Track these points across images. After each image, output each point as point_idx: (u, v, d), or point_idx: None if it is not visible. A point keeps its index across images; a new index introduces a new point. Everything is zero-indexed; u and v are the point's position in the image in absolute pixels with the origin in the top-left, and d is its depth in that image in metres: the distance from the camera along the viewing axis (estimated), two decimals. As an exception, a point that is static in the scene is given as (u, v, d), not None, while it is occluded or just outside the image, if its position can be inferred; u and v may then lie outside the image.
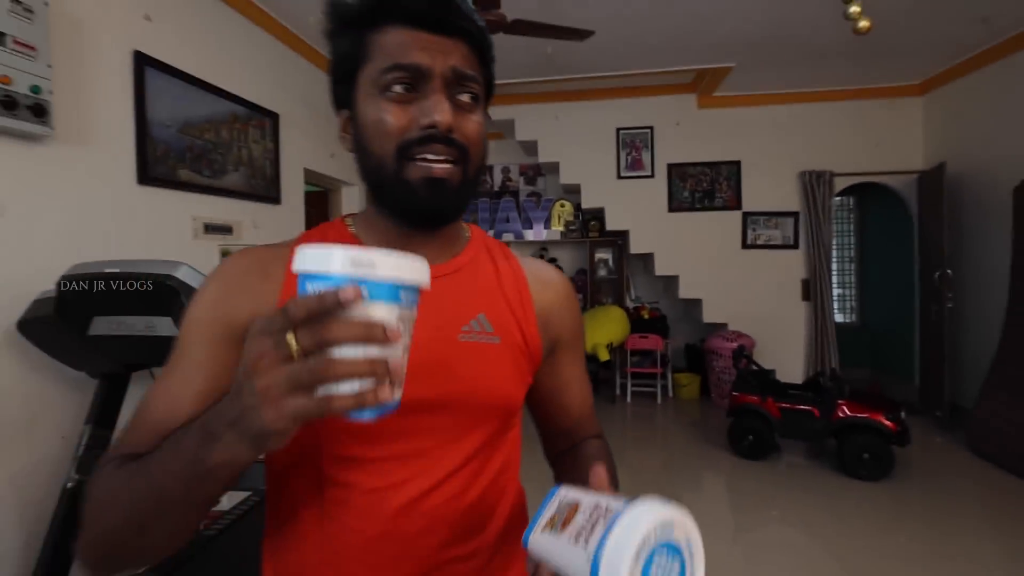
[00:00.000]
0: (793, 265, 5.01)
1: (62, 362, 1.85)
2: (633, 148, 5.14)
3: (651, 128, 5.09)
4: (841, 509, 2.96)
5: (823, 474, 3.42)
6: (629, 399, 5.17)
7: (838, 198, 6.02)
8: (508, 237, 5.69)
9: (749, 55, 4.07)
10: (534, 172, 5.94)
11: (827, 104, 4.92)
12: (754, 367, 4.01)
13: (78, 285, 1.63)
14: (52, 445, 1.92)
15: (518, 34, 2.70)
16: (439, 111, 0.59)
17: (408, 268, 0.42)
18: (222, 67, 2.84)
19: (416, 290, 0.43)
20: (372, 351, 0.39)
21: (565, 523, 0.45)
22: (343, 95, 0.65)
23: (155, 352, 1.69)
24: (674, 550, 0.41)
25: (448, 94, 0.61)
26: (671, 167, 5.09)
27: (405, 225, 0.65)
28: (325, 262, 0.39)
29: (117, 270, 1.59)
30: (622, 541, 0.39)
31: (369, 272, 0.39)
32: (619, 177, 5.16)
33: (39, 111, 1.83)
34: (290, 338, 0.39)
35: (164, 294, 1.56)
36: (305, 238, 0.70)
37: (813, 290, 4.92)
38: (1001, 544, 2.58)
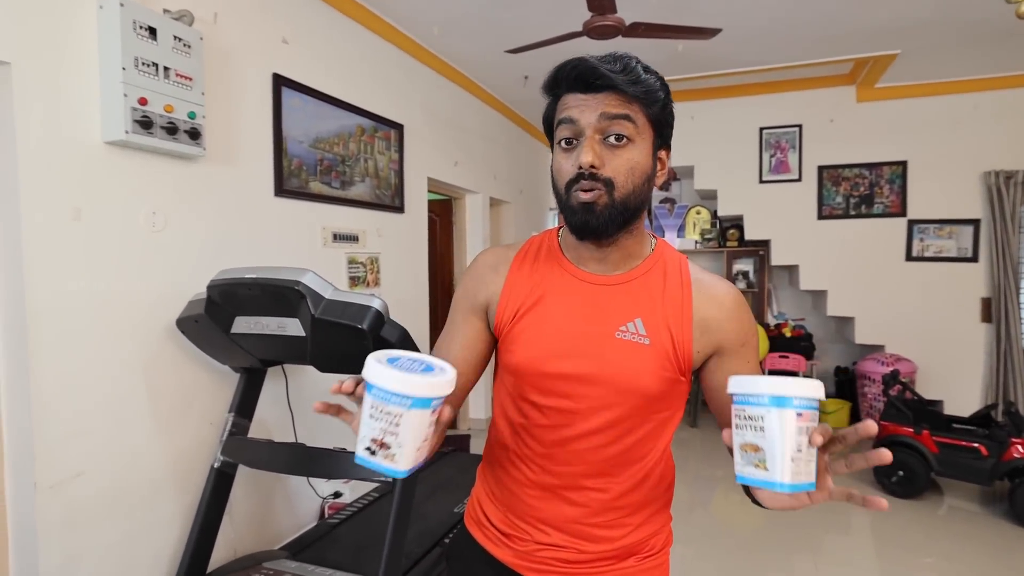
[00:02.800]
0: (971, 281, 4.49)
1: (210, 356, 2.17)
2: (778, 149, 4.90)
3: (799, 126, 4.83)
4: (1011, 562, 2.72)
5: (990, 521, 3.15)
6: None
7: (1036, 201, 5.28)
8: None
9: (917, 39, 3.73)
10: (667, 177, 5.84)
11: (1014, 92, 4.36)
12: (908, 395, 3.69)
13: (224, 288, 1.92)
14: (202, 429, 2.26)
15: (637, 37, 2.70)
16: (583, 155, 0.87)
17: (411, 384, 0.65)
18: (350, 81, 3.14)
19: (429, 401, 0.66)
20: (376, 431, 0.66)
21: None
22: (551, 144, 0.95)
23: (286, 349, 1.93)
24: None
25: (598, 139, 0.87)
26: (822, 169, 4.79)
27: (578, 237, 0.94)
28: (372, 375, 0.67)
29: (255, 276, 1.85)
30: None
31: (376, 381, 0.67)
32: (761, 181, 4.94)
33: (194, 135, 2.13)
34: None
35: (293, 298, 1.78)
36: (529, 242, 1.06)
37: (996, 310, 4.38)
38: None
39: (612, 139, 0.87)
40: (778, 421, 0.64)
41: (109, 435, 1.94)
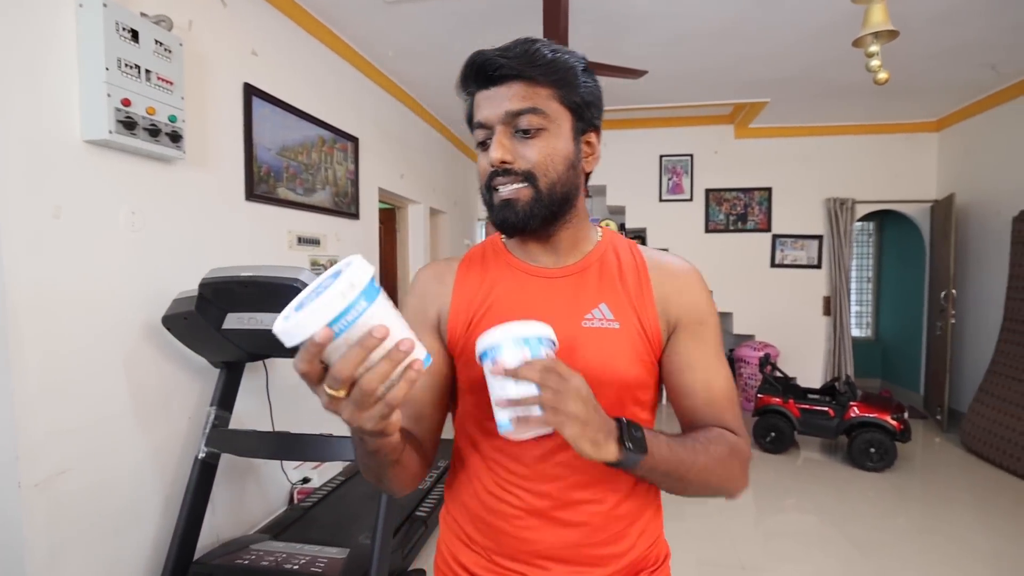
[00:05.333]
0: (816, 283, 4.95)
1: (195, 351, 1.98)
2: (674, 173, 5.15)
3: (691, 155, 5.10)
4: (849, 495, 3.14)
5: (834, 466, 3.58)
6: (664, 401, 5.14)
7: (859, 223, 5.94)
8: None
9: (782, 91, 4.05)
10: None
11: (851, 137, 4.87)
12: (778, 373, 4.07)
13: (217, 286, 1.76)
14: (182, 422, 2.06)
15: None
16: (493, 151, 0.72)
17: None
18: (313, 95, 2.96)
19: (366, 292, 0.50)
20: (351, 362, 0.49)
21: None
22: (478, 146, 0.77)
23: (276, 344, 1.77)
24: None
25: (509, 132, 0.72)
26: (709, 192, 5.09)
27: (504, 234, 0.78)
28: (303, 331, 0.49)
29: (252, 274, 1.71)
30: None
31: (305, 322, 0.48)
32: (661, 200, 5.17)
33: (175, 137, 1.93)
34: (329, 391, 0.52)
35: (291, 295, 1.64)
36: (471, 251, 0.87)
37: (833, 306, 4.86)
38: (984, 523, 2.79)
39: (524, 129, 0.72)
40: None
41: (92, 432, 1.72)
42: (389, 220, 4.56)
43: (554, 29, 2.39)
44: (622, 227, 5.61)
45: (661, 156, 5.14)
